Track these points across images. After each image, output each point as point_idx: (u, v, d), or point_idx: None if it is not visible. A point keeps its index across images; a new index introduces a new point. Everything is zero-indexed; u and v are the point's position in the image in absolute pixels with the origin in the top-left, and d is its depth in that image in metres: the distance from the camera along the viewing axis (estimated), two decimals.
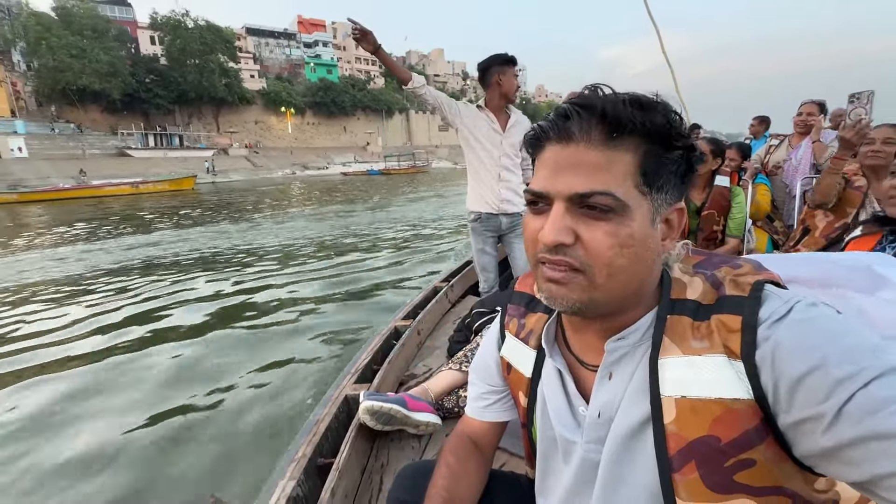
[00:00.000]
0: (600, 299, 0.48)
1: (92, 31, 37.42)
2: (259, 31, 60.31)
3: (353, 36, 2.03)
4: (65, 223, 11.94)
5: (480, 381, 0.75)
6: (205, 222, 11.57)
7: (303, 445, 1.29)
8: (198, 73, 43.02)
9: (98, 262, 7.07)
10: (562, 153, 0.47)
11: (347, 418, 1.50)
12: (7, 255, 7.82)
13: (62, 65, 35.51)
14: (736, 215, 2.29)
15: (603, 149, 0.46)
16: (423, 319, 2.31)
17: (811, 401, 0.39)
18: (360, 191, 21.15)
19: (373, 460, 1.38)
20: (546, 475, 0.65)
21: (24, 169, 28.58)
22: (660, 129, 0.46)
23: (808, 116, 3.13)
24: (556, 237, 0.46)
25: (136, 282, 5.74)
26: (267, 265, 6.56)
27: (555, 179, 0.47)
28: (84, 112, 41.31)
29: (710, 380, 0.45)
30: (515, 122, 2.30)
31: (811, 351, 0.40)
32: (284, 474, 1.16)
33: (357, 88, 59.47)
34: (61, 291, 5.46)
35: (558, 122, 0.48)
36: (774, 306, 0.44)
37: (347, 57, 67.85)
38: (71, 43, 35.45)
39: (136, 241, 8.94)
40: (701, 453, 0.45)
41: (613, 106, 0.45)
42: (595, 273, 0.46)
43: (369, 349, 1.95)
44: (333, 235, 9.07)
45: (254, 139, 50.78)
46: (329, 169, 44.67)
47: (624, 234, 0.45)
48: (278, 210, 14.20)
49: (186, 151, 40.27)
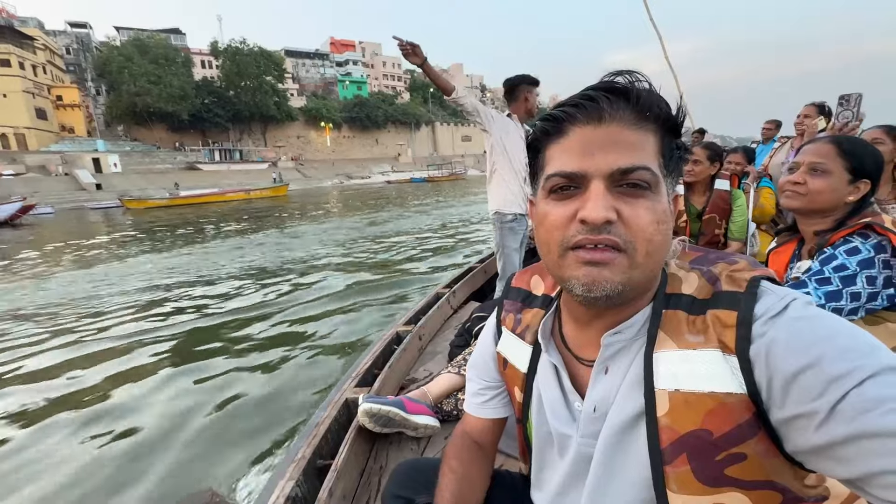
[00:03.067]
0: (637, 280, 0.47)
1: (164, 59, 42.19)
2: (296, 53, 65.18)
3: (402, 51, 2.12)
4: (231, 219, 15.65)
5: (478, 377, 0.75)
6: (330, 218, 15.18)
7: (302, 447, 1.29)
8: (252, 94, 47.74)
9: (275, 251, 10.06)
10: (594, 133, 0.47)
11: (347, 421, 1.50)
12: (205, 248, 10.75)
13: (142, 90, 40.23)
14: (737, 218, 2.28)
15: (636, 129, 0.47)
16: (424, 325, 2.31)
17: (805, 397, 0.39)
18: (419, 195, 24.86)
19: (372, 462, 1.38)
20: (541, 469, 0.66)
21: (123, 182, 32.86)
22: (674, 117, 0.48)
23: (803, 119, 3.06)
24: (605, 214, 0.45)
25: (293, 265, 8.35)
26: (411, 244, 9.15)
27: (590, 158, 0.47)
28: (151, 131, 46.00)
29: (704, 374, 0.46)
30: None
31: (807, 348, 0.40)
32: (284, 475, 1.17)
33: (387, 103, 63.75)
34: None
35: (586, 103, 0.48)
36: (770, 302, 0.44)
37: (375, 74, 72.33)
38: (149, 71, 40.20)
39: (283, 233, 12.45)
40: (693, 446, 0.46)
41: (644, 90, 0.47)
42: (637, 250, 0.46)
43: (370, 354, 1.96)
44: (439, 224, 12.04)
45: (296, 152, 55.06)
46: (371, 178, 48.58)
47: (660, 210, 0.47)
48: (374, 209, 17.71)
49: (246, 165, 44.66)
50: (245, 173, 40.91)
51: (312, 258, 8.36)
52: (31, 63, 39.78)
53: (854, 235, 1.05)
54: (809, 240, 1.18)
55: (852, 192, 1.08)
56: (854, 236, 1.04)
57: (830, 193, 1.09)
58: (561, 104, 0.50)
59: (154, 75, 40.57)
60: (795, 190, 1.13)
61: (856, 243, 1.03)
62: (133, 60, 40.10)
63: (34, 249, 11.22)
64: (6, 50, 37.41)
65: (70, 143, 40.25)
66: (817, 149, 1.11)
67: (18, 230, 16.36)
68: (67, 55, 48.40)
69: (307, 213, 17.12)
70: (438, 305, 2.60)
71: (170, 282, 6.90)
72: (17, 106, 37.73)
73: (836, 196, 1.09)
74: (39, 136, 39.21)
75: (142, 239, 12.32)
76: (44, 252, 10.68)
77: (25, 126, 38.11)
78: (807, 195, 1.11)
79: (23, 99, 37.89)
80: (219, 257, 8.84)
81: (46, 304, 5.95)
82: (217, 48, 47.18)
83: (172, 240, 11.78)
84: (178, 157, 43.48)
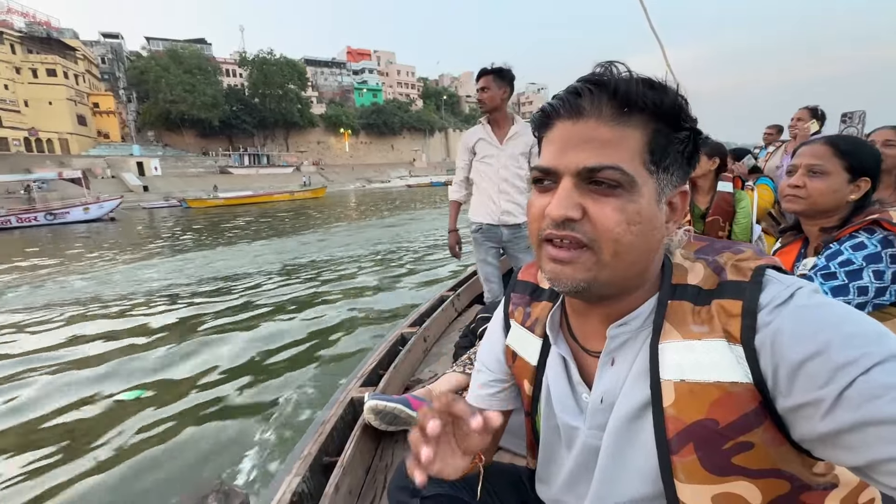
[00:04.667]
0: (605, 279, 0.47)
1: (198, 69, 44.64)
2: (315, 62, 67.57)
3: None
4: (296, 216, 17.60)
5: (487, 369, 0.74)
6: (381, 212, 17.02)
7: (309, 444, 1.31)
8: (277, 102, 50.15)
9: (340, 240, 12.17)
10: (572, 129, 0.47)
11: (353, 419, 1.52)
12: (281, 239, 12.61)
13: (178, 98, 42.65)
14: (741, 220, 2.28)
15: (613, 125, 0.46)
16: (429, 326, 2.33)
17: (811, 385, 0.39)
18: (444, 197, 26.54)
19: (377, 460, 1.39)
20: (548, 462, 0.65)
21: (164, 184, 35.01)
22: (669, 108, 0.46)
23: (797, 122, 3.09)
24: (565, 211, 0.46)
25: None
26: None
27: (563, 155, 0.47)
28: (181, 136, 48.36)
29: (709, 363, 0.45)
30: (515, 134, 2.23)
31: (813, 336, 0.40)
32: (290, 471, 1.19)
33: (403, 110, 66.10)
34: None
35: (569, 98, 0.47)
36: (775, 291, 0.44)
37: (390, 82, 74.62)
38: (185, 80, 42.62)
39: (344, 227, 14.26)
40: (699, 436, 0.46)
41: (626, 83, 0.45)
42: (602, 249, 0.46)
43: (376, 354, 1.98)
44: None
45: (316, 157, 57.28)
46: (390, 182, 50.66)
47: (631, 210, 0.45)
48: (407, 209, 19.49)
49: (273, 169, 47.01)
50: (273, 177, 43.03)
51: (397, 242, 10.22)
52: (74, 72, 42.22)
53: (860, 231, 1.03)
54: (814, 238, 1.16)
55: (853, 191, 1.07)
56: (860, 232, 1.03)
57: (831, 194, 1.07)
58: (554, 96, 0.50)
59: (189, 84, 43.04)
60: (795, 193, 1.12)
61: (861, 238, 1.01)
62: (170, 71, 42.58)
63: (157, 238, 13.29)
64: (53, 61, 39.88)
65: (107, 147, 42.55)
66: (814, 150, 1.10)
67: (116, 224, 18.57)
68: (102, 64, 50.88)
69: (358, 210, 19.14)
70: (443, 308, 2.64)
71: (292, 258, 8.75)
72: (61, 113, 40.13)
73: (837, 196, 1.07)
74: (80, 141, 41.54)
75: (226, 230, 14.30)
76: (173, 237, 12.76)
77: (69, 132, 40.47)
78: (807, 198, 1.10)
79: (66, 106, 40.30)
80: (309, 246, 10.73)
81: (226, 272, 7.82)
82: (245, 58, 49.68)
83: (257, 230, 13.73)
84: (207, 162, 45.76)
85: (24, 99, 39.20)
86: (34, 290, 6.90)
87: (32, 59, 39.64)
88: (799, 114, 3.15)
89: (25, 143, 38.25)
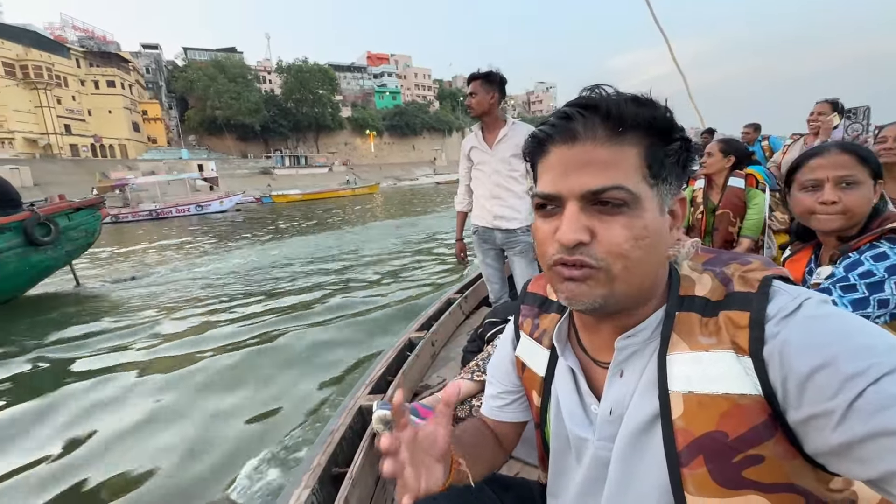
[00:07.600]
0: (620, 293, 0.48)
1: (241, 77, 48.29)
2: (339, 67, 70.97)
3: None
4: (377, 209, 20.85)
5: (497, 380, 0.75)
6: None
7: (317, 455, 1.29)
8: (310, 106, 53.80)
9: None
10: (569, 153, 0.48)
11: (362, 428, 1.51)
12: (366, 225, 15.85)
13: (224, 105, 46.29)
14: (752, 216, 2.29)
15: (609, 145, 0.46)
16: (436, 331, 2.31)
17: (821, 397, 0.39)
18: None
19: None
20: (559, 475, 0.65)
21: (223, 185, 38.37)
22: (660, 122, 0.47)
23: (818, 116, 3.02)
24: (575, 235, 0.46)
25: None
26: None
27: (565, 179, 0.47)
28: (221, 140, 51.92)
29: (718, 375, 0.45)
30: (504, 137, 2.19)
31: (822, 348, 0.40)
32: (300, 483, 1.17)
33: (423, 112, 69.51)
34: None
35: (562, 123, 0.48)
36: (783, 302, 0.44)
37: (407, 84, 77.92)
38: (231, 88, 46.30)
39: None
40: (709, 448, 0.45)
41: (616, 104, 0.46)
42: (612, 267, 0.46)
43: (384, 360, 1.95)
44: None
45: (344, 157, 60.70)
46: (418, 180, 53.79)
47: (639, 226, 0.46)
48: (440, 203, 21.87)
49: (311, 169, 50.60)
50: (312, 176, 46.48)
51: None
52: (128, 83, 45.87)
53: (882, 240, 0.97)
54: (830, 247, 1.08)
55: (875, 195, 1.03)
56: (882, 241, 0.97)
57: (867, 204, 1.01)
58: (543, 122, 0.51)
59: (235, 92, 46.75)
60: (831, 211, 1.02)
61: (884, 248, 0.95)
62: (217, 80, 46.23)
63: (285, 223, 16.47)
64: (112, 73, 43.59)
65: (157, 151, 46.18)
66: (836, 161, 1.01)
67: (241, 213, 22.17)
68: (147, 74, 54.54)
69: (411, 203, 22.23)
70: (450, 311, 2.66)
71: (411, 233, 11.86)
72: (119, 120, 43.82)
73: (870, 205, 1.02)
74: (136, 146, 45.22)
75: (325, 217, 17.42)
76: (298, 225, 15.82)
77: (126, 138, 44.22)
78: (846, 212, 1.01)
79: (124, 114, 44.00)
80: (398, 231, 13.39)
81: (363, 246, 10.61)
82: (281, 66, 53.32)
83: (357, 217, 16.85)
84: (249, 164, 49.28)
85: (87, 108, 42.96)
86: (193, 267, 8.47)
87: (94, 71, 43.47)
88: (819, 107, 3.08)
89: (91, 149, 41.97)
